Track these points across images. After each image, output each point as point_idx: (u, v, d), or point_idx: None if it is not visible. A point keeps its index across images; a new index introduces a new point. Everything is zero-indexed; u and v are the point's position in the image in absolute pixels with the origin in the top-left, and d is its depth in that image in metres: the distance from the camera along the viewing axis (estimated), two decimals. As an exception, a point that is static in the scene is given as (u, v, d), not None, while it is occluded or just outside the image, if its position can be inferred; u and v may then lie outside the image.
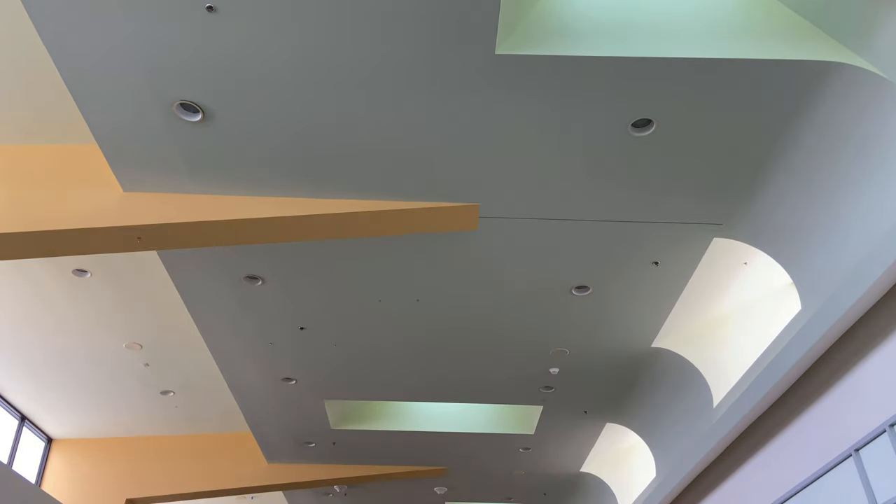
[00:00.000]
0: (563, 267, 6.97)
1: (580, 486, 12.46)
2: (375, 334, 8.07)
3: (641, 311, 7.66)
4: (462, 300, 7.49)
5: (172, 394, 10.17)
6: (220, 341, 8.08)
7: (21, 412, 10.32)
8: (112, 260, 7.39)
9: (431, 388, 9.29)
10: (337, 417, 10.34)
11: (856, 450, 5.61)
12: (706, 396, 7.99)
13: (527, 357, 8.54)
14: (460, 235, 6.56)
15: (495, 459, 11.57)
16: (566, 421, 10.24)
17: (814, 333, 5.75)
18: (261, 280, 7.09)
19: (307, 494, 13.14)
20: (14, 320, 8.26)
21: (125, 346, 8.88)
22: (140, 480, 11.05)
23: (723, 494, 8.20)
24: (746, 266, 6.98)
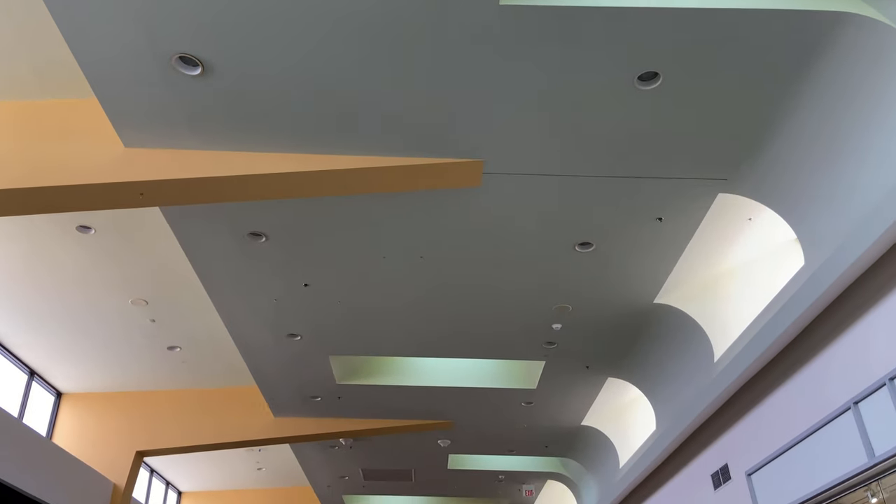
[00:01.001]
0: (567, 223, 6.96)
1: (581, 438, 12.68)
2: (379, 291, 8.11)
3: (644, 267, 7.67)
4: (465, 257, 7.50)
5: (179, 349, 10.29)
6: (225, 297, 8.14)
7: (30, 367, 10.47)
8: (115, 216, 7.40)
9: (435, 343, 9.38)
10: (342, 372, 10.47)
11: (855, 403, 5.68)
12: (707, 351, 8.06)
13: (530, 313, 8.59)
14: (464, 192, 6.53)
15: (498, 413, 11.75)
16: (568, 376, 10.36)
17: (816, 288, 5.77)
18: (264, 237, 7.10)
19: (313, 447, 13.40)
20: (19, 276, 8.32)
21: (131, 301, 8.95)
22: (149, 433, 11.27)
23: (722, 446, 8.34)
24: (750, 222, 6.96)
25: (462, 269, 7.71)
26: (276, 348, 9.36)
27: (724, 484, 8.28)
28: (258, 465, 15.60)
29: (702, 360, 8.22)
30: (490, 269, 7.72)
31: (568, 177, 6.32)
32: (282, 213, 6.77)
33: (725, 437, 8.24)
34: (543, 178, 6.35)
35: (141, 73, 5.20)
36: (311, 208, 6.73)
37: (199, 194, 6.03)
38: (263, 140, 5.86)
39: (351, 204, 6.70)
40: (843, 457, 5.86)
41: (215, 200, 6.14)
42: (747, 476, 7.63)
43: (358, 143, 5.89)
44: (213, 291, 8.00)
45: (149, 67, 5.14)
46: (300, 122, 5.68)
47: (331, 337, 9.14)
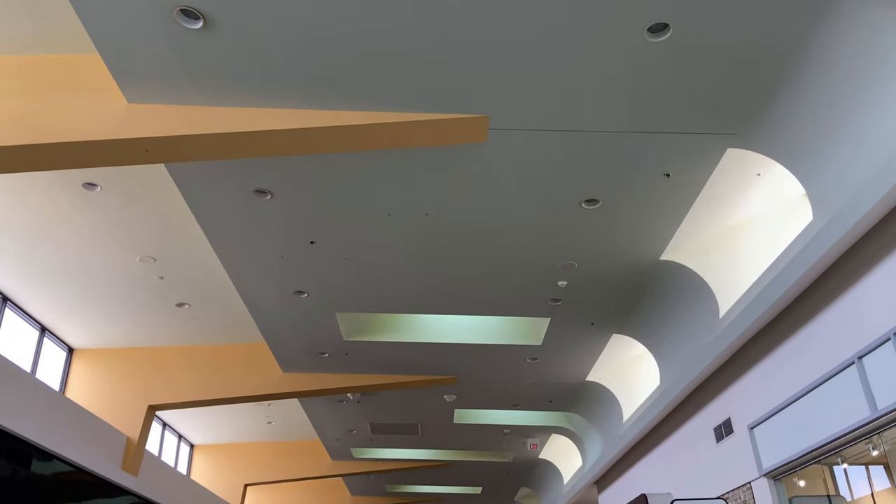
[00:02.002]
0: (573, 180, 6.91)
1: (585, 394, 12.84)
2: (385, 248, 8.13)
3: (651, 224, 7.64)
4: (471, 214, 7.48)
5: (188, 306, 10.38)
6: (232, 255, 8.17)
7: (41, 323, 10.60)
8: (121, 173, 7.39)
9: (441, 300, 9.44)
10: (349, 329, 10.57)
11: (859, 357, 5.72)
12: (712, 307, 8.09)
13: (535, 270, 8.61)
14: (469, 148, 6.48)
15: (503, 369, 11.88)
16: (573, 332, 10.44)
17: (823, 244, 5.75)
18: (269, 194, 7.09)
19: (322, 402, 13.62)
20: (28, 234, 8.36)
21: (139, 259, 9.00)
22: (160, 388, 11.46)
23: (725, 400, 8.44)
24: (759, 177, 6.90)
25: (467, 226, 7.70)
26: (284, 305, 9.43)
27: (726, 437, 8.41)
28: (268, 420, 15.89)
29: (706, 316, 8.26)
30: (495, 227, 7.71)
31: (574, 132, 6.26)
32: (287, 170, 6.74)
33: (729, 391, 8.33)
34: (549, 134, 6.29)
35: (142, 27, 5.13)
36: (316, 165, 6.70)
37: (204, 151, 6.00)
38: (267, 96, 5.80)
39: (355, 161, 6.67)
40: (846, 410, 5.93)
41: (220, 157, 6.12)
42: (749, 429, 7.74)
43: (362, 98, 5.82)
44: (220, 249, 8.03)
45: (150, 21, 5.07)
46: (303, 77, 5.61)
47: (337, 294, 9.19)
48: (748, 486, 7.85)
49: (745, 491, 7.91)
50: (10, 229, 8.26)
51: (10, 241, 8.49)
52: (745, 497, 7.90)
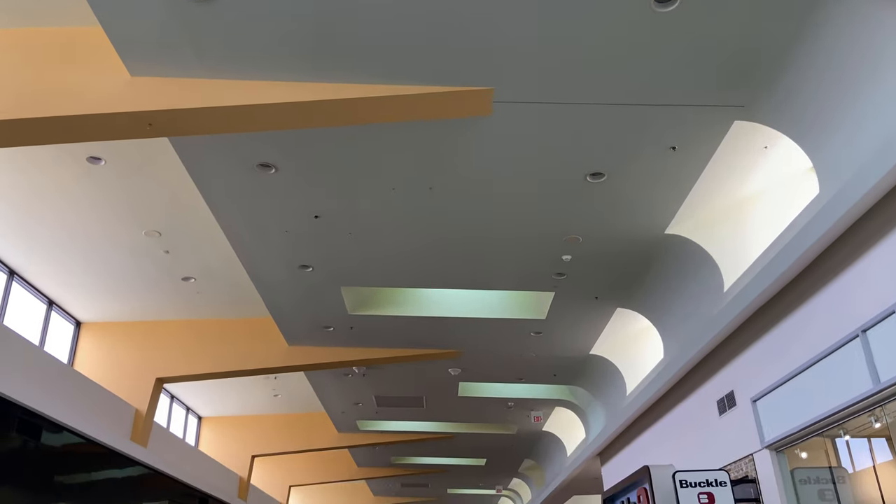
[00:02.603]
0: (578, 153, 6.87)
1: (589, 367, 12.91)
2: (389, 222, 8.13)
3: (656, 198, 7.61)
4: (475, 187, 7.46)
5: (193, 280, 10.43)
6: (237, 229, 8.19)
7: (48, 297, 10.68)
8: (126, 147, 7.38)
9: (445, 274, 9.46)
10: (354, 303, 10.62)
11: (863, 331, 5.72)
12: (717, 281, 8.09)
13: (540, 244, 8.61)
14: (474, 121, 6.44)
15: (507, 343, 11.95)
16: (577, 306, 10.46)
17: (830, 217, 5.72)
18: (273, 168, 7.08)
19: (327, 375, 13.74)
20: (32, 208, 8.38)
21: (144, 233, 9.03)
22: (168, 361, 11.57)
23: (729, 373, 8.48)
24: (766, 150, 6.85)
25: (471, 200, 7.68)
26: (289, 279, 9.47)
27: (729, 410, 8.46)
28: (274, 392, 16.05)
29: (711, 290, 8.26)
30: (500, 201, 7.69)
31: (580, 105, 6.21)
32: (291, 144, 6.72)
33: (732, 364, 8.36)
34: (554, 107, 6.24)
35: (144, -2, 5.08)
36: (320, 139, 6.67)
37: (208, 124, 5.98)
38: (270, 68, 5.76)
39: (360, 135, 6.63)
40: (849, 383, 5.95)
41: (224, 131, 6.10)
42: (752, 402, 7.78)
43: (366, 71, 5.77)
44: (225, 223, 8.04)
45: (151, -8, 5.02)
46: (306, 50, 5.56)
47: (342, 268, 9.22)
48: (750, 458, 7.92)
49: (748, 463, 7.98)
50: (15, 204, 8.28)
51: (16, 216, 8.52)
52: (747, 469, 7.98)
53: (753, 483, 7.78)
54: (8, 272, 9.71)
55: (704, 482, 7.91)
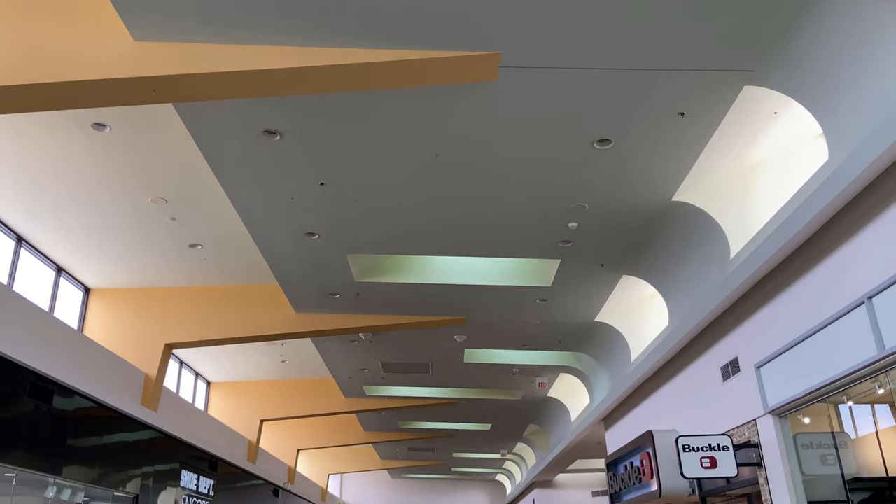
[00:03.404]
0: (586, 119, 6.81)
1: (594, 334, 12.98)
2: (395, 190, 8.11)
3: (664, 164, 7.56)
4: (482, 155, 7.42)
5: (200, 247, 10.48)
6: (243, 196, 8.18)
7: (57, 263, 10.75)
8: (130, 113, 7.35)
9: (451, 242, 9.46)
10: (360, 271, 10.66)
11: (869, 297, 5.72)
12: (724, 248, 8.07)
13: (546, 212, 8.58)
14: (480, 87, 6.37)
15: (513, 310, 12.00)
16: (583, 274, 10.47)
17: (839, 183, 5.67)
18: (279, 134, 7.04)
19: (334, 341, 13.86)
20: (38, 174, 8.39)
21: (150, 200, 9.04)
22: (176, 327, 11.68)
23: (733, 340, 8.51)
24: (776, 116, 6.77)
25: (477, 167, 7.64)
26: (295, 246, 9.49)
27: (732, 376, 8.52)
28: (282, 358, 16.23)
29: (717, 257, 8.25)
30: (506, 168, 7.65)
31: (588, 69, 6.13)
32: (295, 110, 6.68)
33: (737, 331, 8.39)
34: (562, 73, 6.16)
35: (145, -39, 5.00)
36: (325, 105, 6.62)
37: (212, 90, 5.94)
38: (275, 33, 5.69)
39: (365, 101, 6.58)
40: (853, 350, 5.97)
41: (228, 96, 6.06)
42: (756, 368, 7.83)
43: (371, 35, 5.70)
44: (231, 190, 8.04)
45: (153, -46, 4.94)
46: (312, 13, 5.49)
47: (348, 235, 9.23)
48: (753, 424, 7.99)
49: (750, 428, 8.06)
50: (21, 170, 8.29)
51: (22, 182, 8.54)
52: (750, 434, 8.06)
53: (756, 448, 7.86)
54: (16, 238, 9.76)
55: (707, 447, 8.01)
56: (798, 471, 7.30)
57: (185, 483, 12.58)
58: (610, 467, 12.77)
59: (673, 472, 9.57)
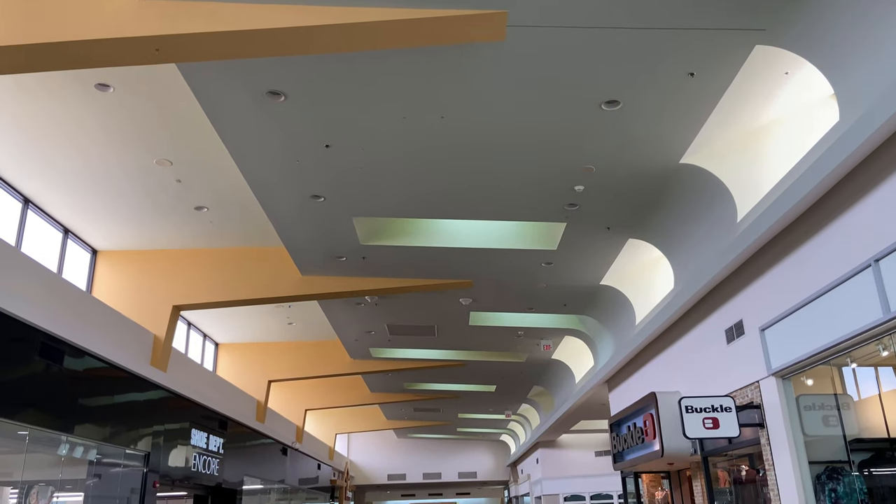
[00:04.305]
0: (594, 80, 6.71)
1: (599, 297, 13.02)
2: (401, 152, 8.05)
3: (672, 126, 7.48)
4: (488, 116, 7.34)
5: (206, 209, 10.48)
6: (248, 158, 8.15)
7: (63, 225, 10.79)
8: (134, 74, 7.28)
9: (457, 204, 9.44)
10: (366, 233, 10.66)
11: (876, 260, 5.70)
12: (731, 211, 8.03)
13: (552, 175, 8.53)
14: (487, 47, 6.27)
15: (518, 273, 12.02)
16: (589, 237, 10.46)
17: (848, 145, 5.61)
18: (283, 95, 6.98)
19: (340, 304, 13.95)
20: (42, 135, 8.36)
21: (155, 162, 9.02)
22: (184, 289, 11.76)
23: (738, 303, 8.53)
24: (787, 76, 6.67)
25: (484, 129, 7.57)
26: (301, 209, 9.49)
27: (737, 339, 8.56)
28: (289, 320, 16.36)
29: (725, 220, 8.22)
30: (512, 130, 7.58)
31: (596, 29, 6.02)
32: (299, 70, 6.60)
33: (742, 294, 8.40)
34: (570, 32, 6.06)
35: (145, -84, 4.90)
36: (330, 66, 6.54)
37: (216, 50, 5.87)
38: (278, -10, 5.59)
39: (370, 62, 6.50)
40: (859, 312, 5.98)
41: (232, 56, 5.99)
42: (761, 331, 7.86)
43: (376, -8, 5.60)
44: (235, 152, 8.00)
45: None
46: (315, -30, 5.39)
47: (353, 198, 9.21)
48: (756, 385, 8.06)
49: (753, 389, 8.13)
50: (25, 131, 8.26)
51: (26, 144, 8.52)
52: (753, 395, 8.13)
53: (758, 409, 7.94)
54: (22, 200, 9.79)
55: (710, 408, 8.09)
56: (800, 431, 7.38)
57: (196, 441, 12.82)
58: (613, 428, 12.94)
59: (675, 433, 9.69)
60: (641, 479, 13.46)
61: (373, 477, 35.46)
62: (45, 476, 8.74)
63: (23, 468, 8.38)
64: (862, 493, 6.67)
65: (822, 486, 6.98)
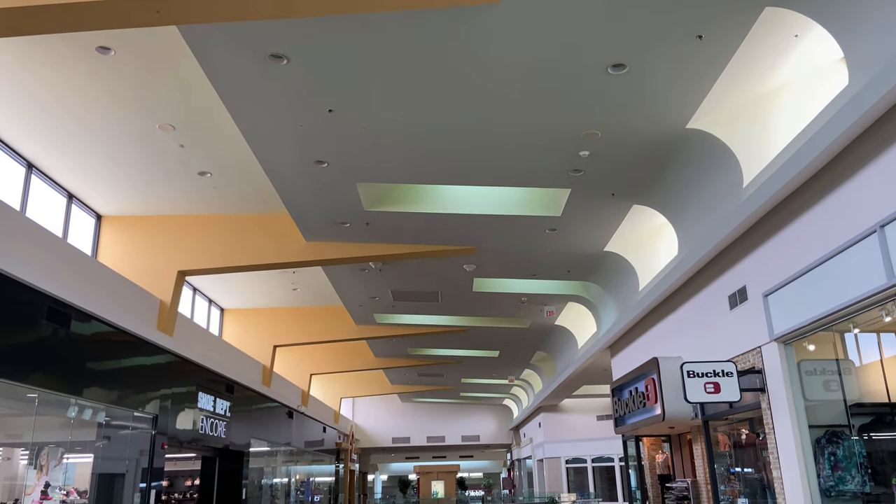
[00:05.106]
0: (599, 43, 6.61)
1: (603, 263, 13.03)
2: (404, 116, 7.99)
3: (679, 90, 7.39)
4: (491, 81, 7.25)
5: (210, 175, 10.46)
6: (251, 123, 8.10)
7: (68, 190, 10.79)
8: (135, 37, 7.20)
9: (461, 171, 9.39)
10: (369, 199, 10.64)
11: (881, 226, 5.68)
12: (736, 176, 7.98)
13: (557, 140, 8.46)
14: (488, 9, 6.17)
15: (522, 239, 12.02)
16: (593, 203, 10.42)
17: (858, 108, 5.54)
18: (285, 59, 6.90)
19: (344, 270, 13.99)
20: (45, 100, 8.31)
21: (158, 126, 8.97)
22: (189, 254, 11.79)
23: (742, 269, 8.53)
24: (796, 39, 6.56)
25: (487, 93, 7.49)
26: (304, 175, 9.46)
27: (740, 304, 8.58)
28: (293, 286, 16.44)
29: (730, 186, 8.17)
30: (517, 94, 7.50)
31: (604, -11, 5.91)
32: (301, 33, 6.51)
33: (747, 260, 8.39)
34: (577, -8, 5.95)
35: None
36: (331, 29, 6.45)
37: (218, 11, 5.78)
38: (279, -50, 5.49)
39: (371, 26, 6.40)
40: (863, 278, 5.98)
41: (234, 18, 5.90)
42: (764, 297, 7.87)
43: (379, -48, 5.49)
44: (238, 116, 7.95)
45: None
46: (317, -71, 5.28)
47: (357, 164, 9.17)
48: (758, 351, 8.10)
49: (755, 355, 8.17)
50: (28, 96, 8.21)
51: (29, 108, 8.47)
52: (754, 360, 8.18)
53: (760, 374, 8.00)
54: (26, 165, 9.77)
55: (711, 373, 8.15)
56: (801, 396, 7.45)
57: (203, 405, 12.99)
58: (615, 392, 13.07)
59: (677, 397, 9.79)
60: (642, 443, 13.64)
61: (377, 440, 36.01)
62: (54, 438, 8.89)
63: (32, 430, 8.52)
64: (861, 456, 6.76)
65: (822, 450, 7.07)
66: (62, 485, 8.70)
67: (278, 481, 19.29)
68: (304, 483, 22.51)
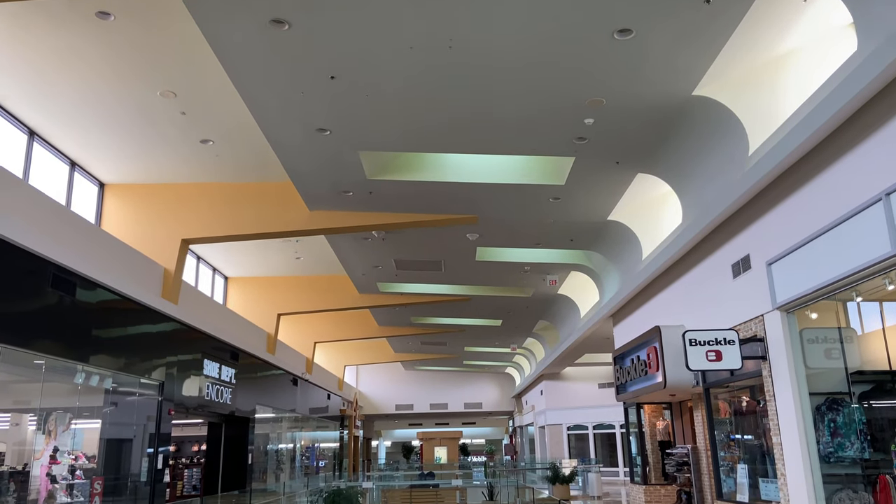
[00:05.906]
0: (605, 8, 6.51)
1: (607, 232, 13.01)
2: (407, 83, 7.90)
3: (686, 56, 7.29)
4: (496, 47, 7.16)
5: (212, 143, 10.40)
6: (252, 90, 8.03)
7: (70, 158, 10.76)
8: (135, 1, 7.10)
9: (465, 139, 9.32)
10: (372, 168, 10.59)
11: (887, 194, 5.65)
12: (742, 144, 7.91)
13: (561, 107, 8.38)
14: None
15: (525, 208, 11.99)
16: (598, 171, 10.37)
17: (866, 75, 5.47)
18: (286, 24, 6.81)
19: (347, 239, 14.00)
20: (45, 66, 8.24)
21: (159, 93, 8.90)
22: (192, 223, 11.80)
23: (746, 238, 8.51)
24: (805, 4, 6.44)
25: (491, 60, 7.40)
26: (307, 143, 9.40)
27: (743, 273, 8.58)
28: (297, 255, 16.47)
29: (736, 154, 8.11)
30: (522, 60, 7.41)
31: (611, -48, 5.80)
32: (304, -4, 6.42)
33: (751, 228, 8.37)
34: (584, -46, 5.84)
35: None
36: (335, -9, 6.35)
37: (217, -25, 5.70)
38: (279, -89, 5.38)
39: (376, -14, 6.30)
40: (867, 246, 5.96)
41: (234, -18, 5.82)
42: (767, 265, 7.87)
43: (382, -87, 5.38)
44: (240, 83, 7.88)
45: None
46: None
47: (359, 132, 9.11)
48: (760, 319, 8.13)
49: (757, 323, 8.20)
50: (28, 62, 8.14)
51: (29, 75, 8.40)
52: (756, 329, 8.21)
53: (761, 342, 8.04)
54: (28, 132, 9.73)
55: (713, 341, 8.20)
56: (802, 364, 7.49)
57: (208, 372, 13.13)
58: (617, 361, 13.16)
59: (678, 365, 9.85)
60: (643, 410, 13.78)
61: (381, 407, 36.43)
62: (62, 403, 9.01)
63: (40, 396, 8.63)
64: (861, 423, 6.82)
65: (822, 417, 7.13)
66: (70, 449, 8.84)
67: (283, 447, 19.58)
68: (308, 449, 22.84)
